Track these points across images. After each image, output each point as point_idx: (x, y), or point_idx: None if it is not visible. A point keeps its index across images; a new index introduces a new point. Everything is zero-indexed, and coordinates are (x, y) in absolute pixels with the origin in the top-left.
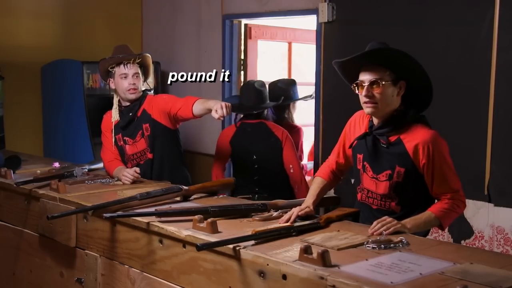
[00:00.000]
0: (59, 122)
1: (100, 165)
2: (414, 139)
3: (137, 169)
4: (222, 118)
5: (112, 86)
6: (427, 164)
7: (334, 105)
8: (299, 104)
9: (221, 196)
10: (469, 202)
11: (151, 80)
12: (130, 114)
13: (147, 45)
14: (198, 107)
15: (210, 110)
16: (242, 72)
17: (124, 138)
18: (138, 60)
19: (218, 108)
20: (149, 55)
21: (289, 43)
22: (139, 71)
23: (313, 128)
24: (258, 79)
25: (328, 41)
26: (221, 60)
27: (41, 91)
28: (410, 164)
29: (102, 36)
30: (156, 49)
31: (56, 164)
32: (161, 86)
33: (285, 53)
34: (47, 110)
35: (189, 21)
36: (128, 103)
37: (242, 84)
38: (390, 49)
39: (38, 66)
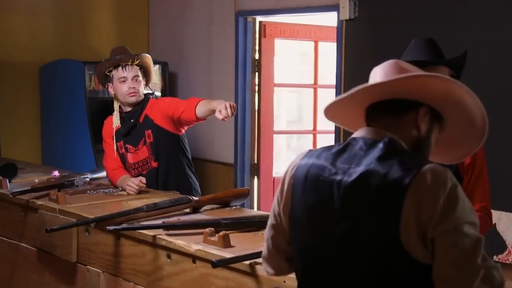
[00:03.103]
0: (59, 127)
1: (103, 174)
2: None
3: (143, 179)
4: (226, 119)
5: (111, 91)
6: (471, 166)
7: None
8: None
9: (234, 207)
10: (502, 215)
11: (158, 82)
12: (132, 120)
13: (153, 44)
14: (201, 108)
15: (214, 111)
16: (256, 74)
17: (126, 145)
18: (137, 61)
19: (222, 109)
20: (149, 55)
21: (315, 42)
22: (139, 74)
23: (333, 135)
24: (275, 81)
25: (350, 40)
26: (234, 61)
27: (39, 93)
28: (454, 168)
29: (105, 34)
30: (164, 49)
31: (56, 173)
32: (169, 89)
33: (307, 52)
34: (46, 114)
35: (200, 19)
36: (129, 109)
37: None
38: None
39: (36, 67)
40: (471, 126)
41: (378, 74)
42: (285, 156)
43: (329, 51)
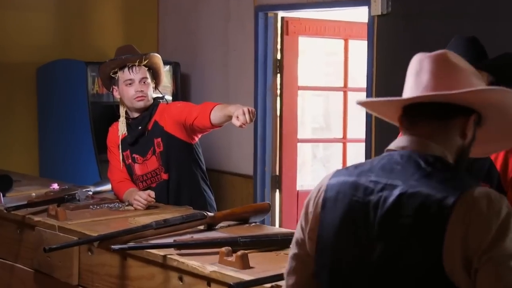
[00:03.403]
0: (58, 135)
1: (108, 186)
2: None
3: (152, 193)
4: (245, 126)
5: (117, 95)
6: None
7: None
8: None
9: (253, 224)
10: None
11: (168, 85)
12: (139, 127)
13: (164, 43)
14: (216, 114)
15: (230, 117)
16: (278, 75)
17: (133, 155)
18: (145, 62)
19: (240, 114)
20: (158, 55)
21: (345, 40)
22: (148, 75)
23: (363, 144)
24: (299, 83)
25: (382, 38)
26: (253, 61)
27: (36, 98)
28: (497, 178)
29: (110, 32)
30: (175, 48)
31: (55, 186)
32: (181, 92)
33: (334, 52)
34: (44, 120)
35: (215, 14)
36: (136, 115)
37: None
38: None
39: (33, 68)
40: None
41: (425, 71)
42: (310, 167)
43: (359, 50)
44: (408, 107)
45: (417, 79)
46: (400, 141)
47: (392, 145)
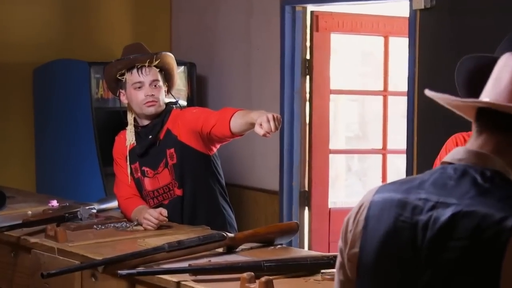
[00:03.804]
0: (58, 145)
1: (114, 204)
2: None
3: (164, 210)
4: (269, 135)
5: (124, 100)
6: None
7: (433, 124)
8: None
9: (279, 246)
10: None
11: (182, 88)
12: (150, 136)
13: (177, 41)
14: (237, 121)
15: (253, 125)
16: (307, 77)
17: (143, 168)
18: (156, 62)
19: (264, 122)
20: (171, 55)
21: (385, 37)
22: (159, 77)
23: (404, 156)
24: (332, 87)
25: (425, 34)
26: (279, 61)
27: (32, 102)
28: None
29: (117, 28)
30: (191, 47)
31: (54, 203)
32: (197, 96)
33: (371, 51)
34: (41, 128)
35: (236, 8)
36: (146, 122)
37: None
38: None
39: (29, 68)
40: None
41: (504, 80)
42: (344, 182)
43: (401, 48)
44: (481, 110)
45: (496, 81)
46: (457, 153)
47: (448, 157)
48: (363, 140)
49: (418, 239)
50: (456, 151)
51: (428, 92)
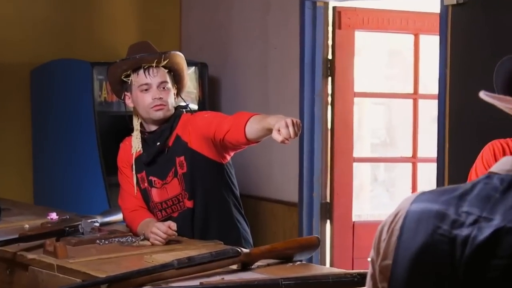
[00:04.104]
0: (57, 153)
1: (119, 216)
2: None
3: (173, 224)
4: (288, 142)
5: (130, 103)
6: None
7: (467, 130)
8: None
9: (298, 262)
10: None
11: (193, 90)
12: (158, 143)
13: (187, 40)
14: (253, 126)
15: (270, 130)
16: (329, 79)
17: (150, 178)
18: (165, 62)
19: (282, 127)
20: (181, 54)
21: (415, 35)
22: (168, 79)
23: (435, 164)
24: (356, 89)
25: (457, 32)
26: (298, 61)
27: (30, 106)
28: None
29: (122, 26)
30: (202, 46)
31: (53, 215)
32: (209, 99)
33: (398, 50)
34: (39, 134)
35: (251, 4)
36: (154, 128)
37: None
38: None
39: (26, 69)
40: None
41: None
42: (370, 193)
43: (431, 47)
44: None
45: None
46: (505, 162)
47: (495, 167)
48: (390, 147)
49: (457, 255)
50: (504, 160)
51: (484, 96)
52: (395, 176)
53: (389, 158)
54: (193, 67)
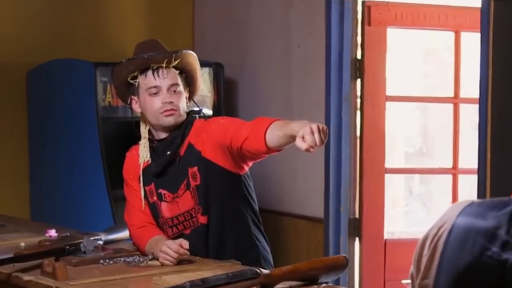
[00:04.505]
0: (57, 164)
1: (124, 234)
2: None
3: (185, 242)
4: (312, 150)
5: (137, 108)
6: None
7: (511, 138)
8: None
9: (324, 285)
10: None
11: (208, 94)
12: (168, 152)
13: (201, 37)
14: (274, 133)
15: (294, 138)
16: (358, 81)
17: (159, 191)
18: (176, 62)
19: (307, 134)
20: (194, 53)
21: (456, 32)
22: (179, 81)
23: (475, 176)
24: (388, 92)
25: (500, 29)
26: (324, 61)
27: (26, 111)
28: None
29: (129, 23)
30: (217, 45)
31: (52, 233)
32: (225, 103)
33: (435, 49)
34: (36, 142)
35: None
36: (164, 135)
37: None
38: None
39: (22, 71)
40: None
41: None
42: (404, 208)
43: (473, 46)
44: None
45: None
46: None
47: None
48: (427, 157)
49: (506, 281)
50: None
51: None
52: (433, 189)
53: (426, 169)
54: (207, 68)
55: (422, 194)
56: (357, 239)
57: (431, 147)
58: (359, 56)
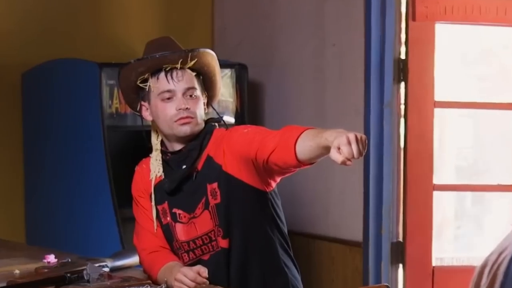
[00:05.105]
0: (56, 179)
1: (134, 259)
2: None
3: (204, 269)
4: (350, 163)
5: (148, 116)
6: None
7: None
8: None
9: None
10: None
11: (229, 99)
12: (184, 166)
13: (221, 35)
14: (305, 144)
15: (327, 149)
16: (402, 84)
17: (174, 210)
18: (192, 63)
19: (342, 144)
20: (213, 53)
21: None
22: (196, 84)
23: None
24: (437, 98)
25: None
26: (363, 62)
27: (21, 119)
28: None
29: (138, 18)
30: (240, 43)
31: (51, 258)
32: (250, 109)
33: (490, 48)
34: (33, 155)
35: None
36: (179, 147)
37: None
38: None
39: (17, 73)
40: None
41: None
42: (455, 230)
43: None
44: None
45: None
46: None
47: None
48: (481, 172)
49: None
50: None
51: None
52: (488, 209)
53: (480, 185)
54: (229, 69)
55: (476, 214)
56: (400, 265)
57: (486, 161)
58: (403, 56)
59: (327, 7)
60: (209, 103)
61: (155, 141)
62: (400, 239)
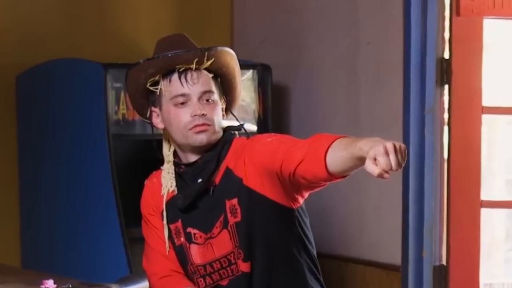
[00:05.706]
0: (55, 194)
1: (144, 285)
2: None
3: None
4: (387, 176)
5: (159, 124)
6: None
7: None
8: None
9: None
10: None
11: (251, 103)
12: (199, 180)
13: (242, 33)
14: (337, 155)
15: (362, 160)
16: (446, 87)
17: (188, 230)
18: (209, 63)
19: (379, 154)
20: (231, 52)
21: None
22: (213, 88)
23: None
24: (485, 103)
25: None
26: (402, 62)
27: (16, 126)
28: None
29: (147, 13)
30: (263, 41)
31: (49, 284)
32: (274, 116)
33: None
34: (29, 168)
35: None
36: (194, 158)
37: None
38: None
39: (11, 74)
40: None
41: None
42: (506, 253)
43: None
44: None
45: None
46: None
47: None
48: None
49: None
50: None
51: None
52: None
53: None
54: (251, 71)
55: None
56: None
57: None
58: (446, 56)
59: (362, 1)
60: (228, 109)
61: (167, 152)
62: (444, 262)
